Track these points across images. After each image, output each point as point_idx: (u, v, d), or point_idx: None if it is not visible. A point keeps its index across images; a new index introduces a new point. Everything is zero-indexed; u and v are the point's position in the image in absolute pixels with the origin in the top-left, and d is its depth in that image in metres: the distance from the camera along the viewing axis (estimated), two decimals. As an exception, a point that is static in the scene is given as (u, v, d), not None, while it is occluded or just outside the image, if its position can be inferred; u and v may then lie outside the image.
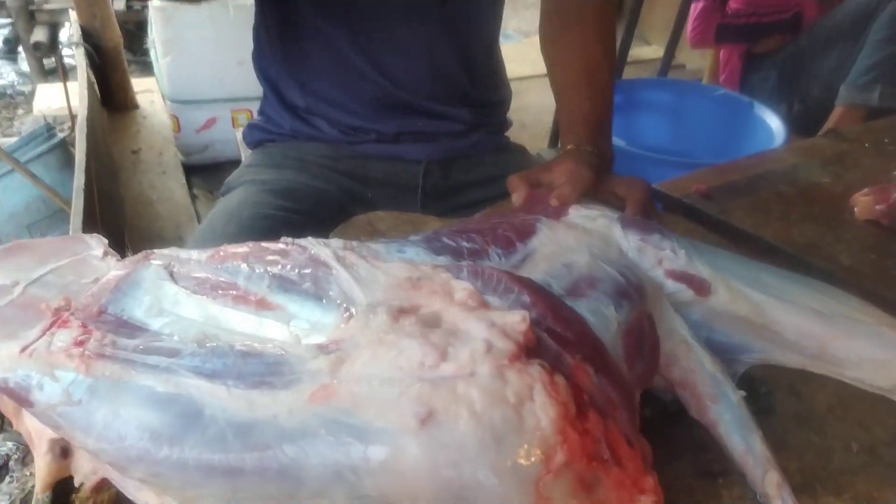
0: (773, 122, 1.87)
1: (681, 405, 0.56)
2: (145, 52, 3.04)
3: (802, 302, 0.61)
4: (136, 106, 2.78)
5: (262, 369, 0.42)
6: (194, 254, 0.54)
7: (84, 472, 0.47)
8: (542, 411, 0.37)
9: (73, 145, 1.98)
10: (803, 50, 2.15)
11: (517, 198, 0.76)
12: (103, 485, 0.48)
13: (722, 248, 0.74)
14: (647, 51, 3.64)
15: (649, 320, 0.53)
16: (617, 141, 1.00)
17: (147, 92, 2.84)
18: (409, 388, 0.38)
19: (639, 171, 0.87)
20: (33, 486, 0.47)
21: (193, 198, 2.23)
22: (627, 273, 0.56)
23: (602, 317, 0.49)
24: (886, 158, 1.05)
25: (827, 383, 0.61)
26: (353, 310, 0.46)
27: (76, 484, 0.47)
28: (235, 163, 1.09)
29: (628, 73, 2.51)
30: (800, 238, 0.85)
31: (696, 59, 3.12)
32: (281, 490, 0.38)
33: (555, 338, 0.42)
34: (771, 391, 0.60)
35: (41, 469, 0.47)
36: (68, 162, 2.04)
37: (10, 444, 1.72)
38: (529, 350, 0.40)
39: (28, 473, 1.53)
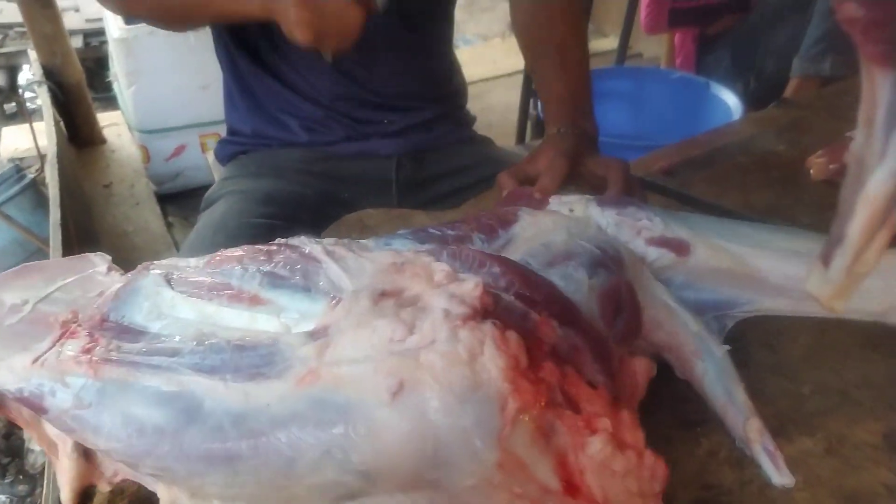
0: (730, 100, 1.97)
1: (662, 366, 0.60)
2: (107, 88, 3.08)
3: (782, 246, 0.64)
4: (103, 140, 2.82)
5: (256, 361, 0.46)
6: (192, 261, 0.58)
7: (108, 475, 0.52)
8: (492, 363, 0.40)
9: (43, 185, 2.02)
10: (754, 27, 2.23)
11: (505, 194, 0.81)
12: (123, 485, 0.52)
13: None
14: (604, 42, 3.74)
15: (628, 286, 0.57)
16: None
17: (113, 125, 2.89)
18: (381, 363, 0.41)
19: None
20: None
21: (169, 226, 2.27)
22: (605, 246, 0.60)
23: (573, 280, 0.54)
24: (839, 122, 1.11)
25: (799, 336, 0.66)
26: (340, 297, 0.50)
27: (100, 485, 0.51)
28: (208, 188, 1.14)
29: (587, 65, 2.57)
30: (759, 203, 0.91)
31: (652, 47, 3.22)
32: (276, 472, 0.41)
33: (522, 300, 0.47)
34: (746, 346, 0.64)
35: (68, 472, 0.51)
36: (40, 202, 2.08)
37: (2, 497, 1.73)
38: (487, 312, 0.44)
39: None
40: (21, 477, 1.61)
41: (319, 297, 0.51)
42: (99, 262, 0.63)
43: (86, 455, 0.51)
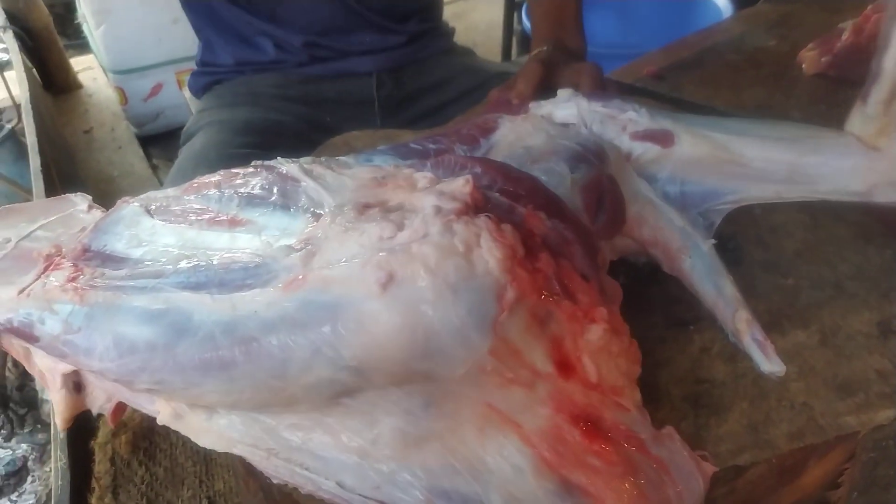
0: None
1: (653, 267, 0.63)
2: (78, 33, 3.06)
3: (764, 133, 0.65)
4: (79, 85, 2.81)
5: (241, 275, 0.48)
6: (170, 191, 0.60)
7: (99, 402, 0.55)
8: (490, 254, 0.42)
9: (22, 136, 2.03)
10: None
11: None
12: (120, 414, 0.55)
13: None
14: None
15: (609, 178, 0.59)
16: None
17: (88, 70, 2.88)
18: (370, 258, 0.43)
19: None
20: (57, 485, 0.55)
21: (154, 168, 2.29)
22: (586, 143, 0.62)
23: (554, 174, 0.55)
24: (829, 14, 1.11)
25: (794, 231, 0.67)
26: (321, 212, 0.52)
27: (94, 413, 0.55)
28: (190, 126, 1.15)
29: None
30: (750, 101, 0.92)
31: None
32: (270, 375, 0.44)
33: (507, 195, 0.49)
34: (739, 245, 0.66)
35: (58, 404, 0.54)
36: (21, 153, 2.09)
37: (24, 445, 1.81)
38: (478, 208, 0.46)
39: (48, 470, 1.61)
40: (39, 426, 1.68)
41: (300, 214, 0.53)
42: (80, 202, 0.66)
43: (76, 387, 0.54)
